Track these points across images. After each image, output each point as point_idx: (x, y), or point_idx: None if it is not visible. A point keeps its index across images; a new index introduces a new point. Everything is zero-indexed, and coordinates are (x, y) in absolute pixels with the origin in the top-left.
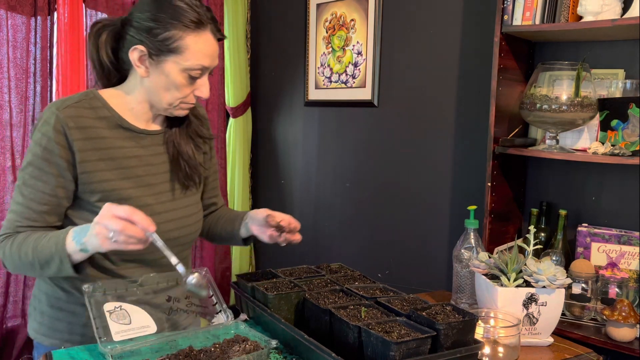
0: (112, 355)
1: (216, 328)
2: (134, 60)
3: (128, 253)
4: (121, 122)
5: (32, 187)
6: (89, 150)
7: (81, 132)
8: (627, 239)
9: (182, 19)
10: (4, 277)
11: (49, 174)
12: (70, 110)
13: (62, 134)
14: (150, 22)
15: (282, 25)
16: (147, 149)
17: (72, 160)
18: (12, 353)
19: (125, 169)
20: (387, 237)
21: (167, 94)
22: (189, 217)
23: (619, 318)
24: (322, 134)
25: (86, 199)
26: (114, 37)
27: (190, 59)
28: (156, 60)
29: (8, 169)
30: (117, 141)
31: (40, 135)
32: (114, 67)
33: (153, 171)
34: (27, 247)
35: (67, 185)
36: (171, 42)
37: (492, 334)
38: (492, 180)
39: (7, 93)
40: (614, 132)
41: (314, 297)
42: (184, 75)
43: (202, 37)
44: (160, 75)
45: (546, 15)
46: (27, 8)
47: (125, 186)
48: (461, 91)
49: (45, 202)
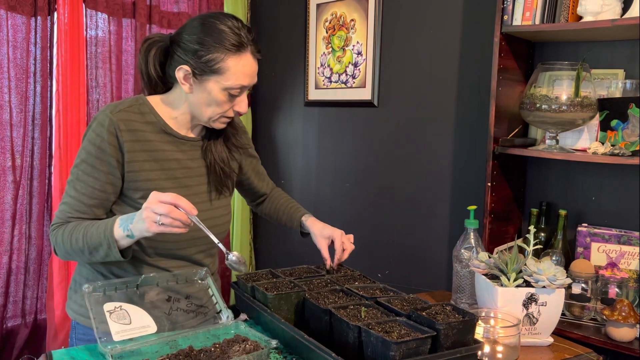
0: (112, 355)
1: (216, 328)
2: (179, 78)
3: (162, 247)
4: (165, 127)
5: (84, 182)
6: (136, 151)
7: (131, 135)
8: (627, 239)
9: (224, 43)
10: (4, 277)
11: (100, 171)
12: (122, 114)
13: (114, 135)
14: (196, 44)
15: (282, 25)
16: (186, 153)
17: (122, 160)
18: (12, 353)
19: (167, 171)
20: (387, 237)
21: (208, 109)
22: (220, 218)
23: (618, 318)
24: (322, 134)
25: (130, 195)
26: (162, 53)
27: (230, 79)
28: (199, 79)
29: (8, 169)
30: (161, 144)
31: (94, 135)
32: (160, 79)
33: (190, 174)
34: (78, 234)
35: (115, 182)
36: (214, 64)
37: (492, 334)
38: (492, 180)
39: (7, 93)
40: (614, 132)
41: (314, 297)
42: (225, 93)
43: (242, 59)
44: (203, 93)
45: (546, 16)
46: (27, 8)
47: (166, 186)
48: (461, 91)
49: (95, 197)
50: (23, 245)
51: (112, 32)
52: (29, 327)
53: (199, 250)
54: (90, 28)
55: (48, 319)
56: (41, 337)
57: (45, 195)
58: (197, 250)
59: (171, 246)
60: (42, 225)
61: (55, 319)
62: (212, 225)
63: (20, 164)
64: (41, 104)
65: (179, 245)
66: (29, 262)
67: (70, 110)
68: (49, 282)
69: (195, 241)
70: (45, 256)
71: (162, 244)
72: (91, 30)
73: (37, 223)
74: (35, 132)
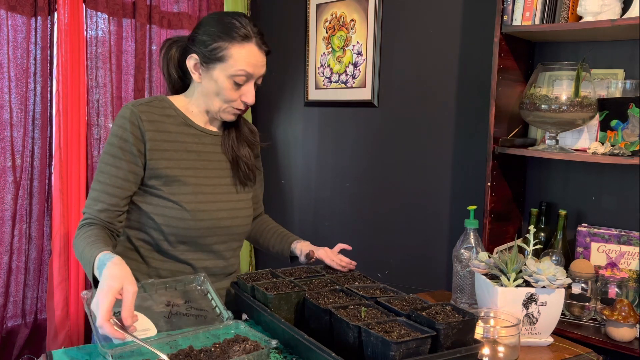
0: (112, 355)
1: (216, 328)
2: (190, 67)
3: (183, 234)
4: (186, 120)
5: (107, 174)
6: (157, 140)
7: (152, 125)
8: (627, 239)
9: (229, 33)
10: (4, 277)
11: (123, 160)
12: (144, 107)
13: (136, 125)
14: (204, 35)
15: (282, 25)
16: (207, 146)
17: (143, 149)
18: (12, 353)
19: (187, 160)
20: (387, 237)
21: (217, 98)
22: (241, 210)
23: (618, 318)
24: (322, 134)
25: (151, 184)
26: (181, 52)
27: (234, 66)
28: (206, 67)
29: (8, 169)
30: (181, 136)
31: (117, 127)
32: (180, 78)
33: (210, 166)
34: (84, 252)
35: (137, 171)
36: (219, 52)
37: (492, 334)
38: (492, 180)
39: (7, 93)
40: (614, 132)
41: (314, 297)
42: (230, 81)
43: (245, 47)
44: (210, 81)
45: (546, 16)
46: (27, 8)
47: (186, 174)
48: (461, 91)
49: (119, 186)
50: (23, 245)
51: (112, 32)
52: (29, 327)
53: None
54: (90, 28)
55: (48, 319)
56: (41, 337)
57: (45, 195)
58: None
59: (193, 233)
60: (42, 225)
61: (55, 319)
62: (233, 216)
63: (20, 164)
64: (41, 104)
65: (200, 233)
66: (29, 262)
67: (70, 110)
68: (49, 282)
69: (219, 230)
70: (45, 256)
71: (183, 231)
72: (91, 30)
73: (37, 223)
74: (35, 132)
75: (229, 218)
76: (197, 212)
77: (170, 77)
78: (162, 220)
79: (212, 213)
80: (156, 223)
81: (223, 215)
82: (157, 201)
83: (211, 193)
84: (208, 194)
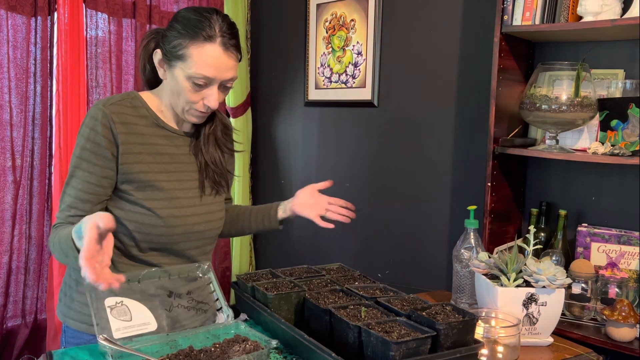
0: (112, 355)
1: (216, 328)
2: (155, 62)
3: (156, 241)
4: (158, 121)
5: (80, 179)
6: (130, 143)
7: (124, 127)
8: (627, 239)
9: (190, 30)
10: (4, 277)
11: (96, 165)
12: (115, 107)
13: (108, 128)
14: (169, 30)
15: (282, 25)
16: (179, 148)
17: (116, 152)
18: (12, 353)
19: (160, 164)
20: (387, 237)
21: (179, 98)
22: (214, 214)
23: (618, 318)
24: (322, 134)
25: (123, 188)
26: (155, 46)
27: (192, 67)
28: (168, 64)
29: (8, 169)
30: (154, 138)
31: (88, 130)
32: (154, 73)
33: (183, 169)
34: (60, 239)
35: (111, 176)
36: (178, 50)
37: (492, 334)
38: (492, 180)
39: (7, 93)
40: (614, 132)
41: (314, 297)
42: (189, 82)
43: (206, 48)
44: (172, 79)
45: (546, 16)
46: (27, 8)
47: (159, 179)
48: (461, 91)
49: (92, 192)
50: (23, 245)
51: (112, 32)
52: (29, 327)
53: (193, 247)
54: (90, 28)
55: (48, 319)
56: (41, 337)
57: (45, 195)
58: (192, 246)
59: (165, 240)
60: (42, 225)
61: (55, 319)
62: (206, 220)
63: (20, 164)
64: (41, 104)
65: (173, 240)
66: (29, 262)
67: (70, 110)
68: (49, 282)
69: (192, 235)
70: (45, 256)
71: (155, 237)
72: (91, 30)
73: (37, 223)
74: (35, 132)
75: (203, 222)
76: (170, 218)
77: (145, 71)
78: (134, 227)
79: (186, 219)
80: (127, 229)
81: (197, 220)
82: (129, 207)
83: (185, 197)
84: (182, 198)
